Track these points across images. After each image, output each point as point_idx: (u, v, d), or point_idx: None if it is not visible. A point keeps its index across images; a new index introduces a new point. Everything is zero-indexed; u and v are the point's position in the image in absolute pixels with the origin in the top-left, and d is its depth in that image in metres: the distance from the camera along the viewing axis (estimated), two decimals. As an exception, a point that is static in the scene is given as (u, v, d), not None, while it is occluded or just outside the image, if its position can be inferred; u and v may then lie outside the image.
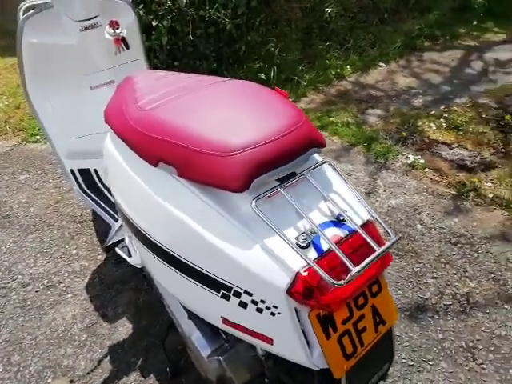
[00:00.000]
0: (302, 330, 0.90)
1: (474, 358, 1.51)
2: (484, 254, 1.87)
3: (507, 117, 2.62)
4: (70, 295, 1.76)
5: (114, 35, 1.69)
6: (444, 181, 2.21)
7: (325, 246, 0.89)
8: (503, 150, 2.41)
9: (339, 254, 0.83)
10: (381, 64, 3.21)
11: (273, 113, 0.97)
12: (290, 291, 0.85)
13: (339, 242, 0.89)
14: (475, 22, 3.77)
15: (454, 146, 2.45)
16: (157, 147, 0.98)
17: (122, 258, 1.47)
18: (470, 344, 1.55)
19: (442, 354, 1.52)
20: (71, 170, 1.90)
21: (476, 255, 1.87)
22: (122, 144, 1.12)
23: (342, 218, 0.95)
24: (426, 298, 1.69)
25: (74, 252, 1.96)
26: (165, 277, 1.13)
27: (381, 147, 2.41)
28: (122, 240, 1.53)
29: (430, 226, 1.99)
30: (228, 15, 2.87)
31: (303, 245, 0.87)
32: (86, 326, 1.64)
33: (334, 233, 0.92)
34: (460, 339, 1.56)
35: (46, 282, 1.83)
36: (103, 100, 1.35)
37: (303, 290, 0.85)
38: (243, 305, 0.92)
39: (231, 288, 0.92)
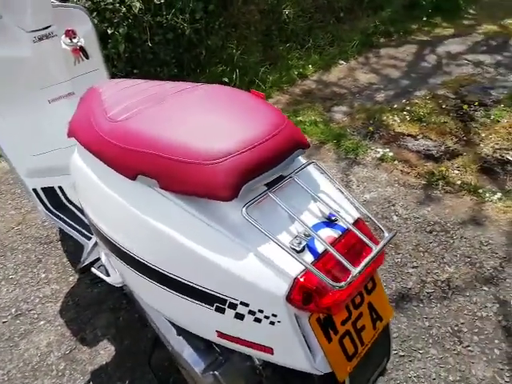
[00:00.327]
0: (303, 336, 0.88)
1: (461, 342, 1.54)
2: (459, 240, 1.92)
3: (465, 106, 2.72)
4: (42, 322, 1.66)
5: (71, 45, 1.61)
6: (413, 171, 2.26)
7: (320, 248, 0.87)
8: (465, 138, 2.50)
9: (337, 256, 0.81)
10: (341, 62, 3.26)
11: (254, 116, 0.94)
12: (290, 298, 0.83)
13: (333, 243, 0.87)
14: (425, 18, 3.92)
15: (418, 137, 2.52)
16: (134, 160, 0.92)
17: (98, 278, 1.39)
18: (456, 328, 1.59)
19: (430, 341, 1.55)
20: (34, 190, 1.79)
21: (451, 241, 1.92)
22: (93, 158, 1.06)
23: (333, 218, 0.93)
24: (409, 288, 1.72)
25: (43, 275, 1.85)
26: (151, 295, 1.07)
27: (350, 143, 2.44)
28: (98, 259, 1.45)
29: (405, 216, 2.02)
30: (186, 20, 2.82)
31: (298, 249, 0.85)
32: (64, 353, 1.54)
33: (328, 234, 0.90)
34: (445, 325, 1.60)
35: (13, 310, 1.71)
36: (63, 113, 1.28)
37: (303, 295, 0.83)
38: (240, 316, 0.88)
39: (226, 300, 0.89)
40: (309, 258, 0.85)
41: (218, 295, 0.89)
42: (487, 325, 1.59)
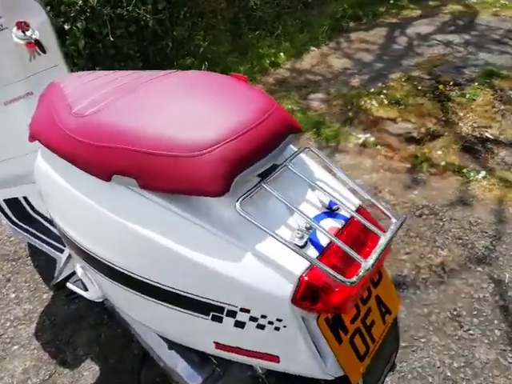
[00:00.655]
0: (312, 340, 0.79)
1: (461, 326, 1.50)
2: (448, 222, 1.89)
3: (440, 86, 2.70)
4: (16, 347, 1.51)
5: (24, 38, 1.45)
6: (397, 156, 2.21)
7: (324, 242, 0.79)
8: (443, 118, 2.47)
9: (346, 249, 0.72)
10: (312, 48, 3.19)
11: (239, 101, 0.84)
12: (295, 299, 0.74)
13: (337, 235, 0.79)
14: (392, 1, 3.90)
15: (398, 120, 2.47)
16: (108, 158, 0.81)
17: (75, 293, 1.26)
18: (455, 312, 1.54)
19: (431, 328, 1.50)
20: (-4, 202, 1.63)
21: (441, 224, 1.88)
22: (59, 160, 0.94)
23: (334, 207, 0.85)
24: (404, 275, 1.66)
25: (13, 296, 1.70)
26: (137, 309, 0.96)
27: (330, 131, 2.37)
28: (74, 273, 1.32)
29: (394, 202, 1.97)
30: (149, 11, 2.68)
31: (301, 244, 0.76)
32: (43, 378, 1.40)
33: (331, 224, 0.82)
34: (444, 310, 1.55)
35: (-18, 336, 1.55)
36: (22, 116, 1.14)
37: (310, 294, 0.75)
38: (240, 324, 0.79)
39: (223, 308, 0.79)
40: (313, 253, 0.76)
41: (214, 303, 0.79)
42: (485, 306, 1.55)
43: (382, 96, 2.67)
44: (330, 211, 0.84)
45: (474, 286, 1.62)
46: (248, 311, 0.77)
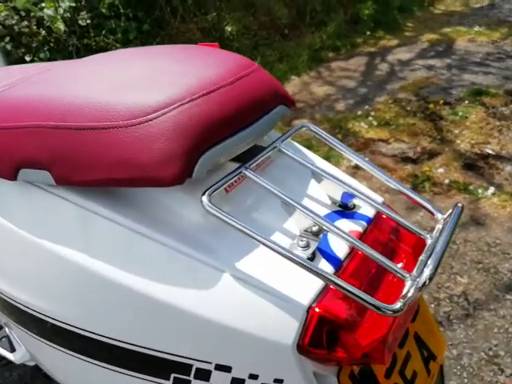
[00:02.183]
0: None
1: (502, 370, 1.21)
2: (463, 244, 1.64)
3: (431, 105, 2.56)
4: None
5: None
6: (394, 176, 1.99)
7: (340, 252, 0.52)
8: (439, 136, 2.30)
9: (386, 263, 0.46)
10: (293, 77, 3.06)
11: (208, 61, 0.60)
12: (303, 345, 0.47)
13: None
14: (368, 32, 3.88)
15: (390, 141, 2.29)
16: (12, 143, 0.54)
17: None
18: (490, 353, 1.26)
19: (464, 375, 1.20)
20: None
21: (455, 247, 1.63)
22: None
23: (350, 204, 0.59)
24: (423, 310, 1.38)
25: None
26: (65, 370, 0.66)
27: (319, 154, 2.15)
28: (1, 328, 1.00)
29: (398, 225, 1.72)
30: (119, 40, 2.51)
31: (305, 256, 0.50)
32: None
33: (348, 228, 0.56)
34: (477, 350, 1.26)
35: None
36: None
37: (325, 335, 0.47)
38: (218, 391, 0.50)
39: (190, 366, 0.51)
40: (326, 268, 0.50)
41: (177, 359, 0.51)
42: (525, 342, 1.28)
43: (370, 118, 2.50)
44: (344, 209, 0.58)
45: (508, 319, 1.35)
46: (228, 369, 0.49)
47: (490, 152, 2.16)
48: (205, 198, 0.48)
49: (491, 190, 1.88)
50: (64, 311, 0.58)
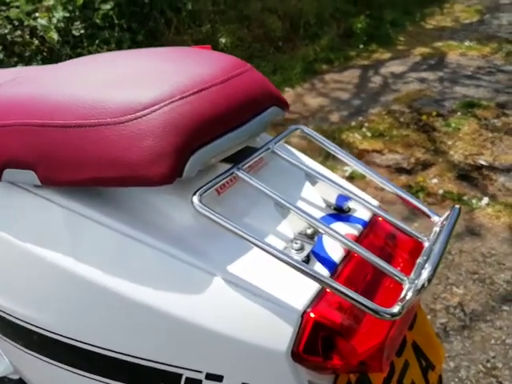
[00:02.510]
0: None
1: (500, 382, 1.18)
2: (458, 255, 1.62)
3: (424, 117, 2.57)
4: None
5: None
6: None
7: (335, 255, 0.51)
8: (432, 147, 2.30)
9: (384, 267, 0.44)
10: (287, 89, 3.07)
11: (200, 60, 0.59)
12: (297, 351, 0.45)
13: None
14: (361, 46, 3.93)
15: (384, 151, 2.29)
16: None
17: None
18: (488, 365, 1.23)
19: (462, 387, 1.18)
20: None
21: (451, 257, 1.61)
22: None
23: (345, 207, 0.58)
24: (419, 321, 1.36)
25: None
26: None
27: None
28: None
29: (393, 235, 1.71)
30: (112, 51, 2.51)
31: (299, 258, 0.48)
32: None
33: (344, 231, 0.54)
34: (475, 362, 1.24)
35: None
36: None
37: (320, 342, 0.45)
38: (208, 403, 0.48)
39: (179, 376, 0.48)
40: (321, 272, 0.48)
41: (165, 368, 0.48)
42: (522, 353, 1.26)
43: (364, 129, 2.50)
44: (339, 212, 0.57)
45: (505, 330, 1.33)
46: (220, 378, 0.47)
47: (484, 163, 2.17)
48: (195, 199, 0.46)
49: (485, 200, 1.88)
50: (50, 319, 0.55)
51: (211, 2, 3.15)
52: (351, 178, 2.05)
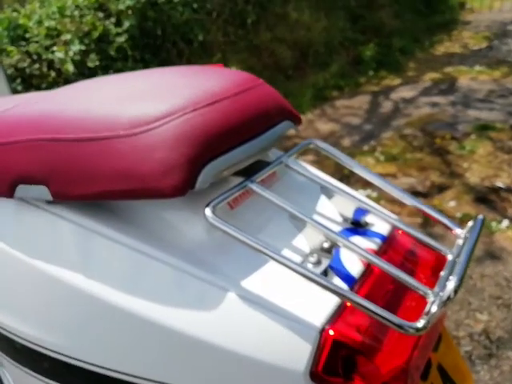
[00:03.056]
0: None
1: (533, 416, 1.11)
2: (480, 279, 1.56)
3: (437, 140, 2.55)
4: None
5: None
6: (404, 211, 1.95)
7: (354, 270, 0.48)
8: (448, 170, 2.27)
9: (407, 280, 0.42)
10: (298, 115, 3.10)
11: (212, 76, 0.59)
12: (316, 372, 0.42)
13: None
14: (371, 72, 3.97)
15: (398, 175, 2.26)
16: (10, 159, 0.53)
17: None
18: (519, 397, 1.16)
19: (493, 421, 1.10)
20: None
21: (472, 282, 1.55)
22: None
23: (363, 221, 0.56)
24: (442, 349, 1.30)
25: None
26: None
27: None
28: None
29: (410, 259, 1.66)
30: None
31: (317, 272, 0.46)
32: None
33: (363, 245, 0.52)
34: (504, 393, 1.17)
35: None
36: None
37: (340, 362, 0.42)
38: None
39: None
40: (340, 286, 0.45)
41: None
42: (554, 384, 1.18)
43: (376, 154, 2.49)
44: (357, 227, 0.55)
45: (534, 358, 1.26)
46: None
47: (501, 185, 2.12)
48: (208, 211, 0.45)
49: (505, 222, 1.83)
50: (61, 341, 0.53)
51: (222, 34, 3.24)
52: (378, 199, 2.02)
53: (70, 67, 2.38)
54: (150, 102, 0.49)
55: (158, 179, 0.44)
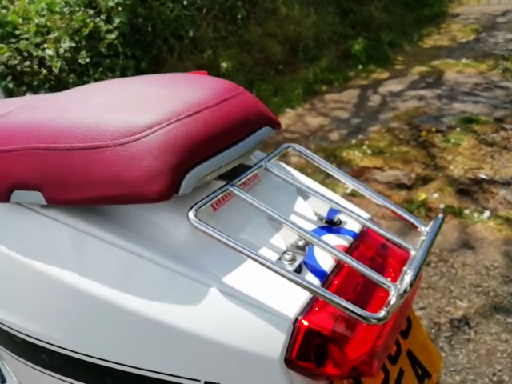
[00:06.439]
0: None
1: (507, 396, 1.18)
2: (461, 268, 1.63)
3: (423, 133, 2.61)
4: None
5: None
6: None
7: (325, 266, 0.53)
8: (432, 163, 2.33)
9: (366, 272, 0.47)
10: (288, 110, 3.14)
11: (195, 84, 0.63)
12: (291, 358, 0.47)
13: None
14: (360, 66, 4.01)
15: (385, 168, 2.32)
16: (6, 166, 0.56)
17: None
18: (495, 379, 1.23)
19: (469, 402, 1.17)
20: None
21: (454, 271, 1.62)
22: None
23: (336, 220, 0.60)
24: (423, 336, 1.36)
25: None
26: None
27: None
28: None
29: (395, 250, 1.72)
30: (117, 78, 2.59)
31: (291, 269, 0.51)
32: None
33: (334, 242, 0.56)
34: (481, 376, 1.23)
35: None
36: None
37: (313, 349, 0.47)
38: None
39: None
40: (312, 281, 0.50)
41: (165, 378, 0.50)
42: (529, 366, 1.25)
43: (364, 147, 2.54)
44: (330, 225, 0.59)
45: (511, 343, 1.32)
46: (217, 386, 0.48)
47: (484, 177, 2.18)
48: (191, 214, 0.49)
49: (487, 213, 1.89)
50: (57, 334, 0.58)
51: (212, 29, 3.26)
52: (352, 195, 2.07)
53: (58, 64, 2.39)
54: (136, 112, 0.53)
55: (145, 185, 0.48)
